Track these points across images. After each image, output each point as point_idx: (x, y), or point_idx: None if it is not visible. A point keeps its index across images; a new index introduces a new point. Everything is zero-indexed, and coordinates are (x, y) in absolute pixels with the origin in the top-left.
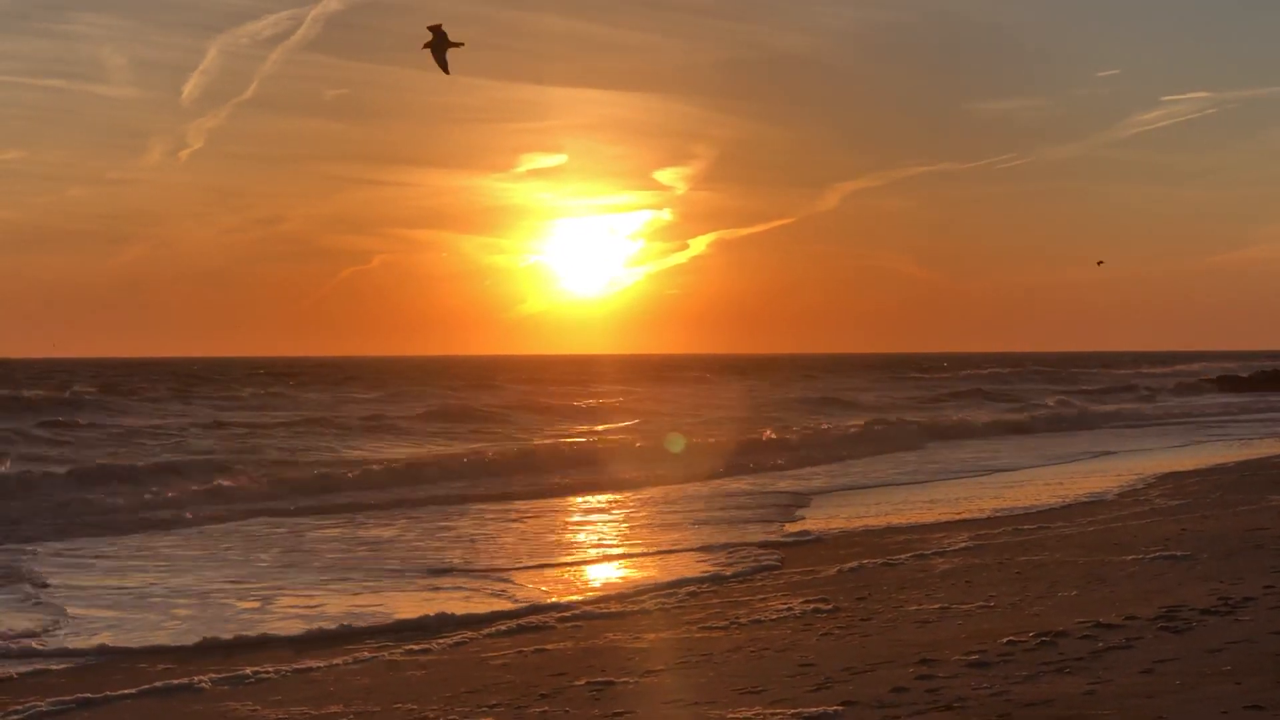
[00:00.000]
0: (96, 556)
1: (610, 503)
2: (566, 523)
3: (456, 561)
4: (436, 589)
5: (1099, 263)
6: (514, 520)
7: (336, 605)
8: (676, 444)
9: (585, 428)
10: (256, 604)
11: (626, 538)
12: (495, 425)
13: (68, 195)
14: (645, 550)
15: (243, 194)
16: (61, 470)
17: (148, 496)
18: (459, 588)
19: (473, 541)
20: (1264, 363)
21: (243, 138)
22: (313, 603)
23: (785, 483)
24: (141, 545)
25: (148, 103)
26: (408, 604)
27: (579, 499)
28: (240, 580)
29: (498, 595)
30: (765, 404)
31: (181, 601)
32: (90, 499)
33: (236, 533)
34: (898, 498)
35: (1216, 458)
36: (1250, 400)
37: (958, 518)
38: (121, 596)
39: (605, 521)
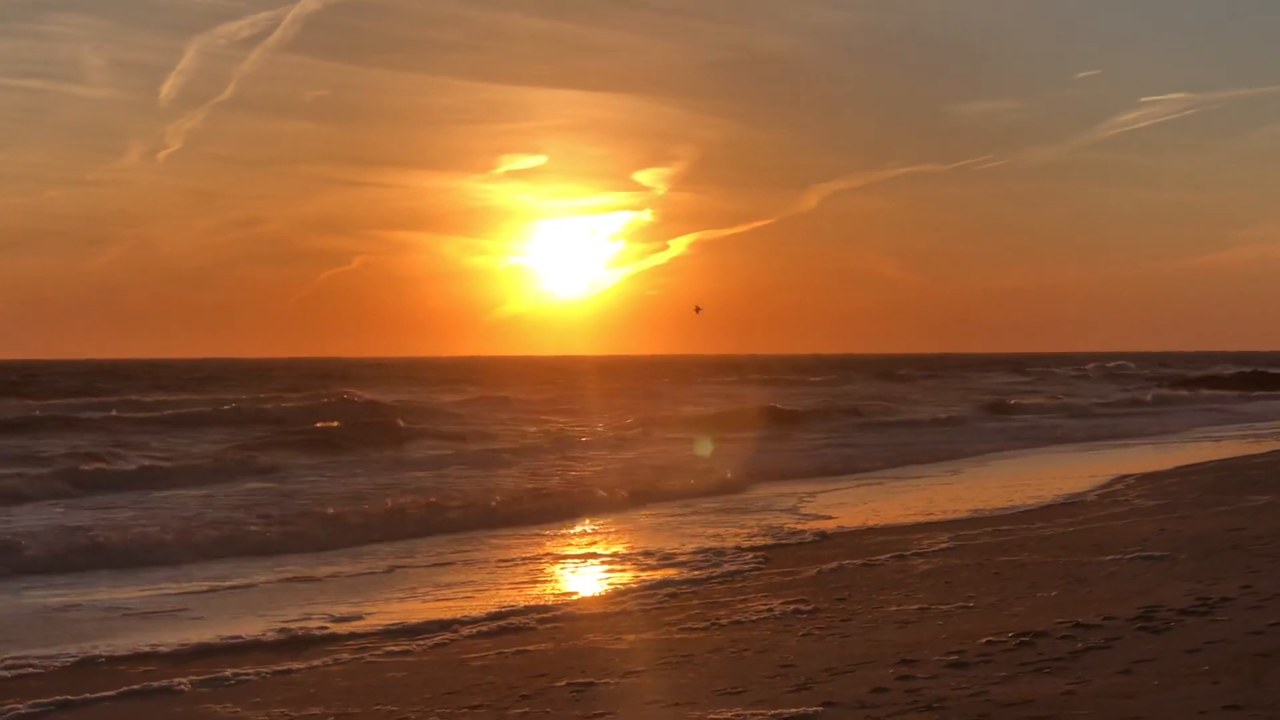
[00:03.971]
0: None
1: None
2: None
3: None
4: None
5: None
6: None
7: None
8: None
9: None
10: None
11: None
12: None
13: (45, 196)
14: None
15: (222, 195)
16: None
17: None
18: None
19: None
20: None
21: (221, 139)
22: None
23: None
24: None
25: (125, 104)
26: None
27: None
28: None
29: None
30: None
31: None
32: None
33: None
34: None
35: (1195, 457)
36: None
37: (937, 518)
38: None
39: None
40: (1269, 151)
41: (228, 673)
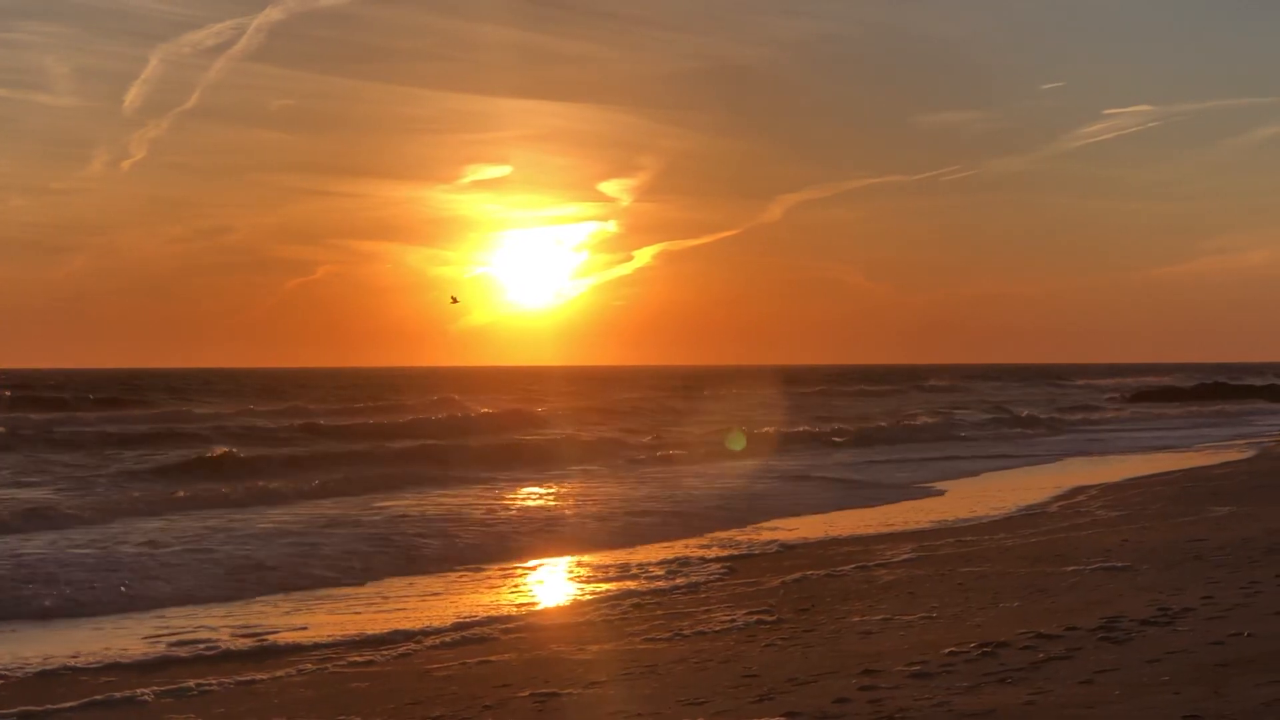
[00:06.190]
0: None
1: None
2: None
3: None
4: None
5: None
6: None
7: None
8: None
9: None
10: None
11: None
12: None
13: (9, 205)
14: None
15: (187, 204)
16: None
17: None
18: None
19: None
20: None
21: (186, 148)
22: None
23: None
24: None
25: (90, 112)
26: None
27: None
28: None
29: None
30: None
31: None
32: None
33: None
34: None
35: (1157, 468)
36: None
37: (900, 529)
38: None
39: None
40: (1231, 164)
41: (191, 683)
